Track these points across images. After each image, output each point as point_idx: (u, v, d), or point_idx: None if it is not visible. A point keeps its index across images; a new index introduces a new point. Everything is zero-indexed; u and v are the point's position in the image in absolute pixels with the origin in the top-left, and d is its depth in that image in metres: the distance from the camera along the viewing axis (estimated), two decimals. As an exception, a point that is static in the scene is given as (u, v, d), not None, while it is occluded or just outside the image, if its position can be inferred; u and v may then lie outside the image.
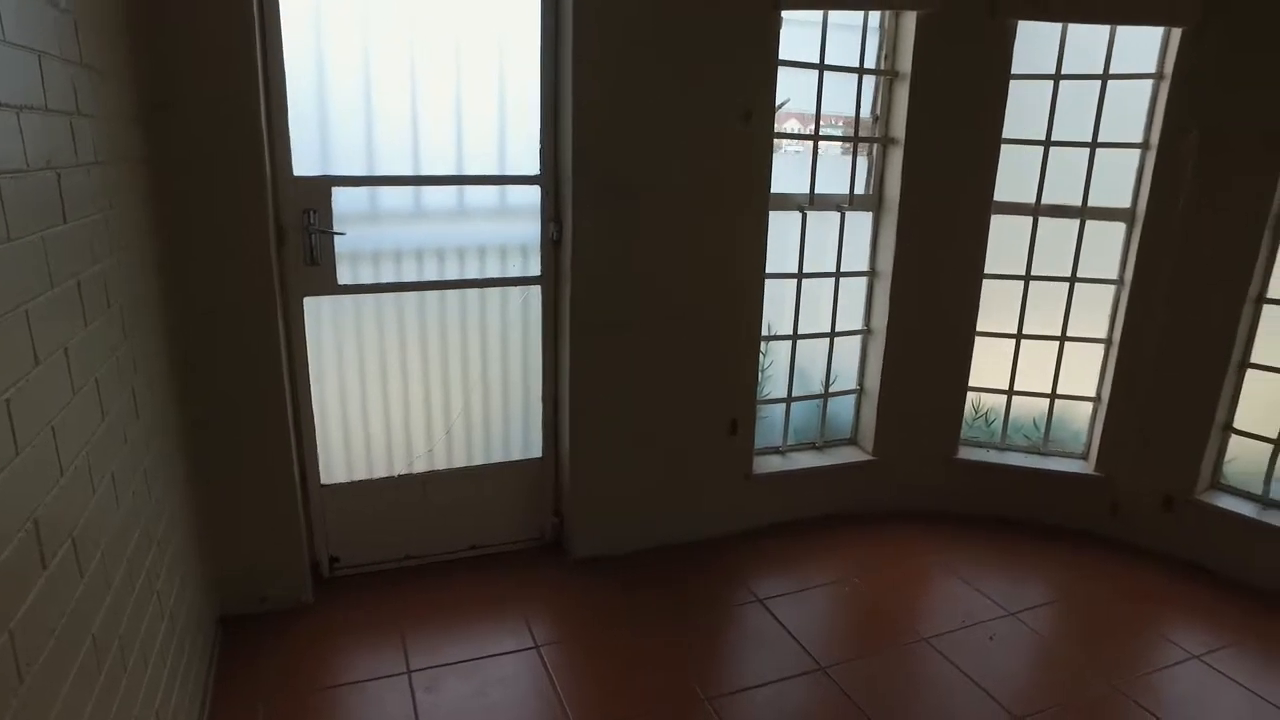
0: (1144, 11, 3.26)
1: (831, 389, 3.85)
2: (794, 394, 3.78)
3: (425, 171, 2.93)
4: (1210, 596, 3.36)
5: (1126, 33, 3.40)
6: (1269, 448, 3.42)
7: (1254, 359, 3.42)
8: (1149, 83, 3.42)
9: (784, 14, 3.13)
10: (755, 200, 3.28)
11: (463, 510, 3.29)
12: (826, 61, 3.39)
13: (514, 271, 3.15)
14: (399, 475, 3.17)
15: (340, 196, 2.82)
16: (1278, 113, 3.15)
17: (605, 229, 3.06)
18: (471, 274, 3.10)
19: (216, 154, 2.47)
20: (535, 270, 3.17)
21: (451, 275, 3.07)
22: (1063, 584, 3.42)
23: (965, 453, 3.91)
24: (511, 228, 3.12)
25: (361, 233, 2.89)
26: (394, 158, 2.88)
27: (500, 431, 3.34)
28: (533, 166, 3.06)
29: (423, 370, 3.13)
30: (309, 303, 2.87)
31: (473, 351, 3.19)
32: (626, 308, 3.18)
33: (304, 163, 2.75)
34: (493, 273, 3.13)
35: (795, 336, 3.70)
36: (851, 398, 3.91)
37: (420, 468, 3.20)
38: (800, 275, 3.61)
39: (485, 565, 3.32)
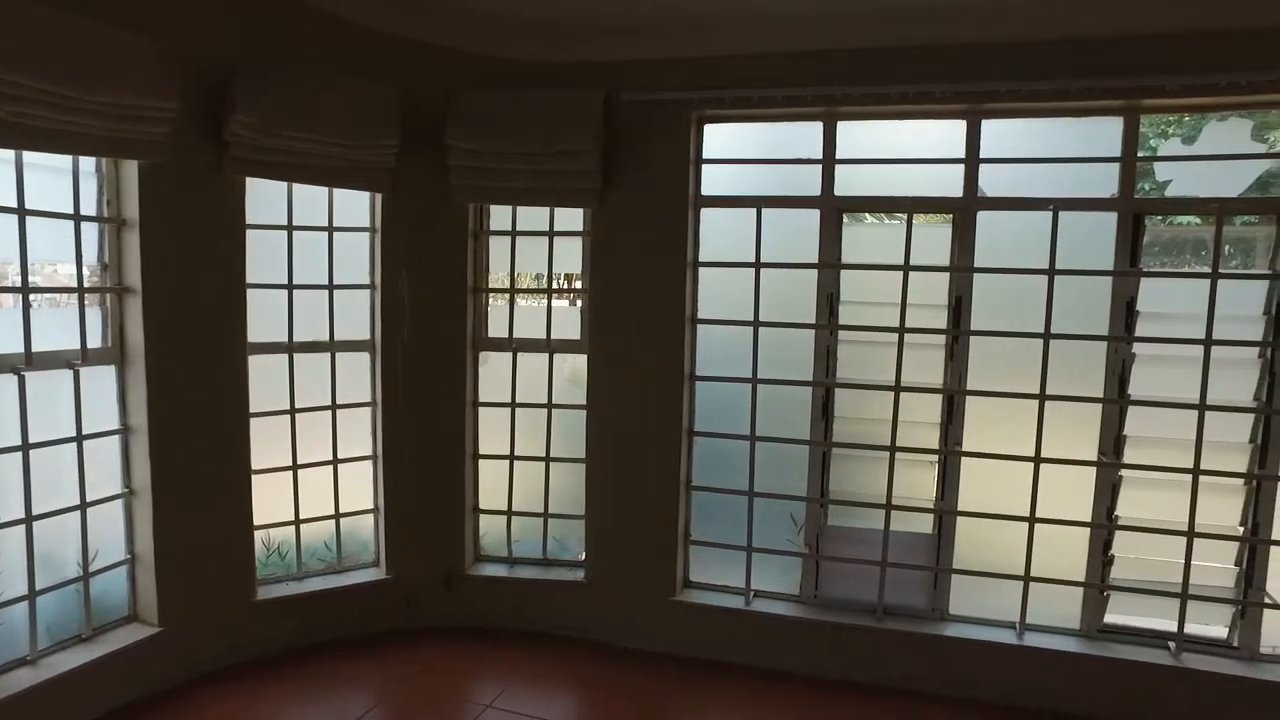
0: (351, 179, 3.83)
1: (94, 567, 3.34)
2: (39, 586, 3.15)
3: None
4: (489, 651, 4.01)
5: (345, 194, 3.94)
6: (504, 518, 4.29)
7: (482, 451, 4.28)
8: (367, 234, 4.04)
9: (-41, 151, 2.71)
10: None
11: None
12: (29, 206, 3.03)
13: None
14: None
15: None
16: (452, 252, 4.08)
17: None
18: None
19: None
20: None
21: None
22: (378, 688, 3.65)
23: (265, 591, 3.85)
24: None
25: None
26: None
27: None
28: None
29: None
30: None
31: None
32: None
33: None
34: None
35: (30, 519, 3.11)
36: (123, 570, 3.47)
37: None
38: (26, 446, 3.07)
39: None
